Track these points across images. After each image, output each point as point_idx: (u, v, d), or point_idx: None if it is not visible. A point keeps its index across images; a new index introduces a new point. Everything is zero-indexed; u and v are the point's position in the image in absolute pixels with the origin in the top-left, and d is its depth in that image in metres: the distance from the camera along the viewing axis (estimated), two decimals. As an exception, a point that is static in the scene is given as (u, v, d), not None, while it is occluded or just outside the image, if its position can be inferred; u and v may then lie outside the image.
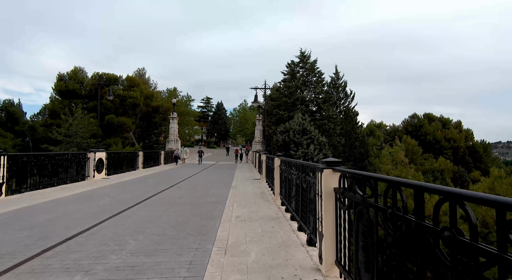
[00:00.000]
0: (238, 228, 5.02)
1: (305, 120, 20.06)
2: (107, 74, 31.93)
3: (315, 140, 19.05)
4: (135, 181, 12.33)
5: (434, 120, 59.53)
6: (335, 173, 3.01)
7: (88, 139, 23.78)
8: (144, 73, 55.42)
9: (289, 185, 6.05)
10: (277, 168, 7.78)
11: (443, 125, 57.29)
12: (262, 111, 32.50)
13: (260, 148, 30.47)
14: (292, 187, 5.71)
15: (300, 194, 4.84)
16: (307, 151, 18.37)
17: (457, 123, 62.37)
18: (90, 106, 29.76)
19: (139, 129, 43.19)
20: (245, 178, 14.16)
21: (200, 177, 14.03)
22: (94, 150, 12.84)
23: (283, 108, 24.47)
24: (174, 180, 12.33)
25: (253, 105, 13.03)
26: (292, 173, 5.65)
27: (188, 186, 10.68)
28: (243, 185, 11.21)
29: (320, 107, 24.23)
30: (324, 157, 18.72)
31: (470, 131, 58.58)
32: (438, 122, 60.01)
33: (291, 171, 5.79)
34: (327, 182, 3.06)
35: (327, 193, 3.07)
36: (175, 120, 32.00)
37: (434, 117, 59.19)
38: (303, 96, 24.23)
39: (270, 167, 10.16)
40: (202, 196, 8.47)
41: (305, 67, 26.18)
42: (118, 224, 5.18)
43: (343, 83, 30.56)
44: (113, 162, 14.71)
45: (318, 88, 24.70)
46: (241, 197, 8.32)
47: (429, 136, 56.34)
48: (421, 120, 59.69)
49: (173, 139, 32.00)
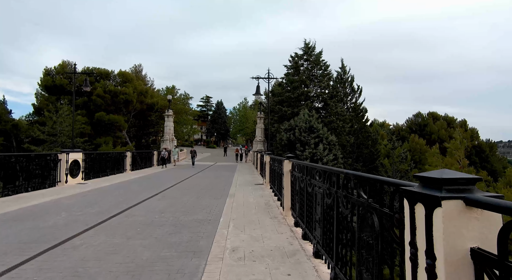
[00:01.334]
0: (233, 276, 3.14)
1: (312, 117, 18.18)
2: (97, 69, 30.08)
3: (324, 138, 17.18)
4: (114, 187, 10.46)
5: (438, 119, 58.80)
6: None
7: (75, 138, 21.91)
8: (140, 70, 53.61)
9: (309, 202, 4.17)
10: (288, 174, 5.91)
11: (448, 124, 55.26)
12: (263, 109, 30.64)
13: (262, 148, 28.57)
14: (315, 206, 3.82)
15: (335, 221, 2.96)
16: (315, 151, 16.50)
17: (462, 122, 61.62)
18: (79, 102, 27.91)
19: (134, 128, 41.37)
20: (245, 182, 12.29)
21: (194, 181, 12.16)
22: (67, 150, 10.98)
23: (287, 104, 22.59)
24: (162, 186, 10.47)
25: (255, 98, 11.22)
26: (316, 184, 3.77)
27: (176, 194, 8.81)
28: (243, 192, 9.33)
29: (326, 103, 22.28)
30: (334, 158, 16.85)
31: (476, 130, 58.22)
32: (443, 121, 59.11)
33: (314, 182, 3.90)
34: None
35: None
36: (170, 118, 30.16)
37: (439, 116, 58.35)
38: (308, 91, 22.31)
39: (276, 171, 8.29)
40: (189, 209, 6.60)
41: (309, 59, 24.26)
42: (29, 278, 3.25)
43: (350, 78, 28.62)
44: (93, 164, 12.85)
45: (324, 83, 22.75)
46: (240, 211, 6.45)
47: (434, 135, 55.23)
48: (426, 119, 58.54)
49: (169, 138, 30.16)
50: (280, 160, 7.10)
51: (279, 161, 7.16)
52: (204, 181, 12.41)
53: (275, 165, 8.80)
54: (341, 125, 21.05)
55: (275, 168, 8.52)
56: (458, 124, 59.06)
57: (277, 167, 8.23)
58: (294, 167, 5.54)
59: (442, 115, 58.86)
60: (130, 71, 48.45)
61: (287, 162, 5.97)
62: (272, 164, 9.62)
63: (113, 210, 6.36)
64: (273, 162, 9.48)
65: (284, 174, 6.00)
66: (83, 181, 11.54)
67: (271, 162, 10.09)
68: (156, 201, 7.71)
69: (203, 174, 15.56)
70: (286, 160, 5.97)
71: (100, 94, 27.23)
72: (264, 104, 32.37)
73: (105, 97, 27.69)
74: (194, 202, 7.52)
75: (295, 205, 5.24)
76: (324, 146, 16.71)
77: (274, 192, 8.93)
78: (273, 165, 9.29)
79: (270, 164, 10.39)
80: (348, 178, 2.63)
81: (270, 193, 9.26)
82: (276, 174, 8.17)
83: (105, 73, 30.00)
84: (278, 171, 7.67)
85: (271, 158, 9.91)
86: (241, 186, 10.98)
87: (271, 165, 9.87)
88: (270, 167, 10.20)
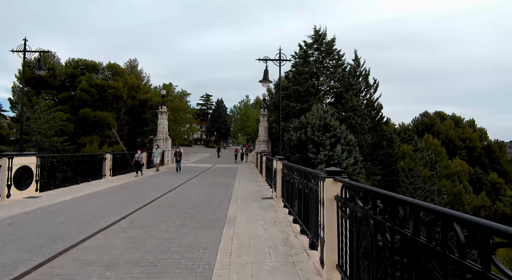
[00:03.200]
0: None
1: (327, 113, 15.51)
2: (83, 61, 27.43)
3: (342, 138, 14.53)
4: (72, 203, 7.82)
5: (445, 118, 56.17)
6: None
7: (52, 137, 19.39)
8: (136, 65, 51.08)
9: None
10: (332, 204, 3.26)
11: (455, 124, 53.20)
12: (267, 105, 27.94)
13: (266, 149, 25.88)
14: None
15: None
16: (333, 154, 13.82)
17: (470, 122, 60.35)
18: (62, 97, 25.32)
19: (127, 127, 38.77)
20: (249, 194, 9.64)
21: (183, 193, 9.52)
22: (12, 154, 8.35)
23: (294, 99, 19.94)
24: (138, 200, 7.85)
25: (262, 85, 8.78)
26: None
27: (150, 218, 6.17)
28: (247, 215, 6.68)
29: (341, 97, 19.46)
30: (354, 162, 14.15)
31: (484, 130, 56.25)
32: (451, 121, 57.69)
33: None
34: None
35: None
36: (164, 115, 27.51)
37: (446, 116, 56.24)
38: (321, 83, 19.58)
39: (297, 187, 5.64)
40: (160, 257, 3.96)
41: (320, 48, 21.53)
42: None
43: (364, 71, 25.87)
44: (55, 171, 10.22)
45: (338, 74, 19.96)
46: (245, 262, 3.80)
47: (441, 135, 53.28)
48: (432, 118, 56.72)
49: (162, 137, 27.51)
50: (314, 174, 4.42)
51: (313, 176, 4.47)
52: (196, 193, 9.76)
53: (293, 177, 6.14)
54: (359, 122, 18.36)
55: (295, 183, 5.86)
56: (466, 124, 57.53)
57: (297, 181, 5.59)
58: (347, 192, 2.90)
59: (449, 115, 57.00)
60: (125, 66, 45.91)
61: (330, 182, 3.31)
62: (288, 174, 6.97)
63: (24, 261, 3.70)
64: (289, 171, 6.82)
65: (326, 202, 3.34)
66: (37, 194, 8.92)
67: (285, 171, 7.44)
68: (116, 233, 5.07)
69: (197, 181, 12.91)
70: (330, 178, 3.30)
71: (85, 89, 24.62)
72: (268, 101, 29.69)
73: (91, 92, 25.06)
74: (172, 236, 4.88)
75: (359, 264, 2.58)
76: (343, 147, 14.05)
77: (291, 213, 6.31)
78: (290, 177, 6.63)
79: (284, 173, 7.74)
80: None
81: (285, 216, 6.62)
82: (299, 192, 5.51)
83: (91, 66, 27.36)
84: (302, 189, 5.02)
85: (286, 166, 7.27)
86: (243, 202, 8.33)
87: (286, 176, 7.22)
88: (285, 179, 7.56)
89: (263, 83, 9.10)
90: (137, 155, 14.47)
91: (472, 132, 52.29)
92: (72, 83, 26.53)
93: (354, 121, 18.13)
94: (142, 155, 14.70)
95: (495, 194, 40.62)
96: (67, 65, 27.06)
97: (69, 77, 26.33)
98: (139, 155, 14.41)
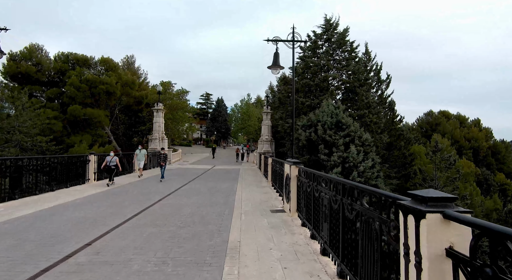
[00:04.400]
0: None
1: (339, 109, 13.83)
2: (74, 54, 25.78)
3: (356, 137, 12.86)
4: (30, 220, 6.18)
5: (450, 118, 54.35)
6: None
7: (35, 136, 17.76)
8: (133, 62, 49.34)
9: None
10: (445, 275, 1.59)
11: (460, 123, 52.08)
12: (271, 103, 26.28)
13: (269, 149, 24.28)
14: None
15: None
16: (347, 155, 12.15)
17: (475, 121, 59.52)
18: (51, 94, 23.69)
19: (122, 126, 37.21)
20: (255, 205, 7.98)
21: (171, 205, 7.86)
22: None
23: (302, 94, 18.26)
24: (113, 218, 6.20)
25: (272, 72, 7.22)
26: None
27: (120, 248, 4.51)
28: (256, 242, 5.00)
29: (353, 92, 17.71)
30: (372, 165, 12.45)
31: (490, 129, 54.05)
32: (456, 120, 56.92)
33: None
34: None
35: None
36: (160, 113, 25.86)
37: (450, 115, 54.91)
38: (333, 75, 17.84)
39: (334, 210, 3.97)
40: None
41: (330, 39, 19.78)
42: None
43: (376, 65, 24.16)
44: (20, 176, 8.58)
45: (351, 67, 18.23)
46: None
47: (447, 135, 52.18)
48: (437, 118, 55.86)
49: (158, 137, 25.88)
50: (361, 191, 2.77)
51: (352, 191, 2.81)
52: (190, 203, 8.10)
53: (319, 190, 4.48)
54: (375, 120, 16.65)
55: (323, 199, 4.19)
56: (471, 124, 56.72)
57: (329, 197, 3.94)
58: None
59: (454, 114, 55.72)
60: (122, 63, 44.26)
61: (436, 222, 1.64)
62: (307, 184, 5.29)
63: None
64: (310, 180, 5.16)
65: (427, 264, 1.67)
66: (-8, 205, 7.26)
67: (303, 179, 5.77)
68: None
69: (193, 187, 11.24)
70: (435, 213, 1.64)
71: (75, 84, 22.96)
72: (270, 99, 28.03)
73: (81, 88, 23.40)
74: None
75: None
76: (358, 148, 12.39)
77: (315, 236, 4.66)
78: (312, 189, 4.96)
79: (301, 182, 6.09)
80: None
81: (306, 240, 4.96)
82: (331, 213, 3.84)
83: (82, 60, 25.69)
84: (340, 210, 3.36)
85: (305, 172, 5.60)
86: (249, 217, 6.68)
87: (305, 186, 5.55)
88: (302, 188, 5.89)
89: (273, 70, 7.46)
90: (108, 158, 11.43)
91: (478, 132, 51.35)
92: (62, 78, 24.90)
93: (368, 119, 16.43)
94: (116, 157, 11.64)
95: (503, 196, 39.28)
96: (56, 59, 25.42)
97: (58, 72, 24.71)
98: (112, 157, 11.45)
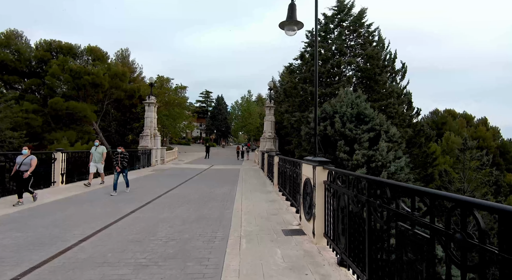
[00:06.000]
0: None
1: (360, 98, 11.50)
2: (57, 42, 23.53)
3: (383, 132, 10.55)
4: None
5: (456, 116, 52.89)
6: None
7: (4, 131, 15.51)
8: (128, 55, 47.09)
9: None
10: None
11: (466, 122, 51.62)
12: (276, 97, 23.99)
13: (272, 147, 22.08)
14: None
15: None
16: (374, 153, 9.83)
17: (482, 120, 58.38)
18: (30, 85, 21.45)
19: (115, 123, 35.02)
20: (261, 222, 5.65)
21: (141, 224, 5.58)
22: None
23: (311, 84, 15.91)
24: (43, 247, 3.94)
25: (286, 31, 5.16)
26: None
27: None
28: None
29: (372, 80, 15.20)
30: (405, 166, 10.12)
31: (497, 129, 52.02)
32: (462, 119, 55.77)
33: None
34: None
35: None
36: (152, 107, 23.56)
37: (456, 114, 54.00)
38: (350, 61, 15.42)
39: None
40: None
41: (342, 22, 17.33)
42: None
43: (389, 54, 21.77)
44: None
45: (368, 51, 15.72)
46: None
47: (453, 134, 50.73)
48: (443, 116, 54.47)
49: (150, 134, 23.58)
50: None
51: None
52: (169, 220, 5.82)
53: (402, 226, 2.20)
54: (400, 112, 14.29)
55: (404, 239, 1.91)
56: (478, 123, 53.04)
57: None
58: None
59: (460, 113, 54.60)
60: (115, 56, 42.08)
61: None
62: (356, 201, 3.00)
63: None
64: (352, 190, 2.87)
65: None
66: None
67: (343, 190, 3.46)
68: None
69: (181, 193, 8.96)
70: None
71: (56, 74, 20.73)
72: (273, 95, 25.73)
73: (64, 78, 21.16)
74: None
75: None
76: (388, 145, 10.08)
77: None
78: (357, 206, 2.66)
79: (332, 194, 3.78)
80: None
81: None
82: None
83: (67, 48, 23.43)
84: None
85: (342, 177, 3.30)
86: (253, 244, 4.39)
87: (349, 204, 3.25)
88: (340, 205, 3.58)
89: (287, 29, 5.21)
90: (19, 158, 6.98)
91: (485, 131, 49.85)
92: (44, 68, 22.68)
93: (393, 111, 14.07)
94: (31, 158, 6.99)
95: (514, 197, 37.20)
96: (38, 47, 23.17)
97: (39, 62, 22.48)
98: (25, 157, 6.97)
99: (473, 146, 17.27)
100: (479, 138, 47.96)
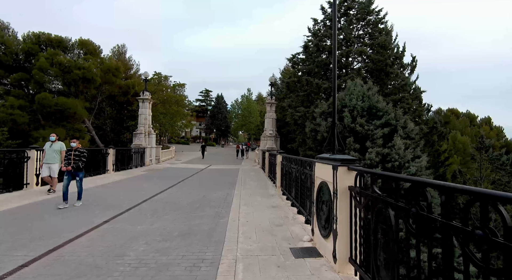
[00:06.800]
0: None
1: (372, 90, 10.33)
2: (46, 35, 22.34)
3: (400, 128, 9.39)
4: None
5: (459, 116, 52.45)
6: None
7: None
8: (124, 51, 45.84)
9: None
10: None
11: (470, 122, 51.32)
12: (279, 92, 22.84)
13: (273, 145, 20.96)
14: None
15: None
16: (389, 151, 8.67)
17: (486, 120, 57.93)
18: (16, 79, 20.28)
19: (110, 120, 33.83)
20: (263, 238, 4.48)
21: (107, 242, 4.41)
22: None
23: (317, 76, 14.69)
24: None
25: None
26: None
27: None
28: None
29: (383, 71, 13.96)
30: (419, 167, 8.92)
31: (501, 128, 51.93)
32: (465, 118, 55.16)
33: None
34: None
35: None
36: (146, 104, 22.36)
37: (459, 113, 53.57)
38: (360, 50, 14.19)
39: None
40: None
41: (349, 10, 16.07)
42: None
43: (398, 47, 20.53)
44: None
45: (379, 40, 14.43)
46: None
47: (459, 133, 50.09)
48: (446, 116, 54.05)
49: (144, 131, 22.38)
50: None
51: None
52: (146, 234, 4.66)
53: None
54: (416, 107, 13.14)
55: None
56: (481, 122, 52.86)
57: None
58: None
59: (463, 112, 54.19)
60: (112, 52, 40.91)
61: None
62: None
63: None
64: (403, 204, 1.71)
65: None
66: None
67: (383, 199, 2.30)
68: None
69: (169, 198, 7.79)
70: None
71: (44, 68, 19.56)
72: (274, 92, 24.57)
73: (52, 73, 19.99)
74: None
75: None
76: (405, 142, 8.91)
77: None
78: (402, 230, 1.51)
79: (363, 204, 2.60)
80: None
81: None
82: None
83: (56, 41, 22.24)
84: None
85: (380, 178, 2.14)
86: (253, 275, 3.19)
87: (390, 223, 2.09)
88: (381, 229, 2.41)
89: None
90: None
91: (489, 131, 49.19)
92: (33, 62, 21.50)
93: (408, 105, 12.88)
94: None
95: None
96: (26, 40, 22.00)
97: (26, 55, 21.31)
98: None
99: (491, 144, 16.08)
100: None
